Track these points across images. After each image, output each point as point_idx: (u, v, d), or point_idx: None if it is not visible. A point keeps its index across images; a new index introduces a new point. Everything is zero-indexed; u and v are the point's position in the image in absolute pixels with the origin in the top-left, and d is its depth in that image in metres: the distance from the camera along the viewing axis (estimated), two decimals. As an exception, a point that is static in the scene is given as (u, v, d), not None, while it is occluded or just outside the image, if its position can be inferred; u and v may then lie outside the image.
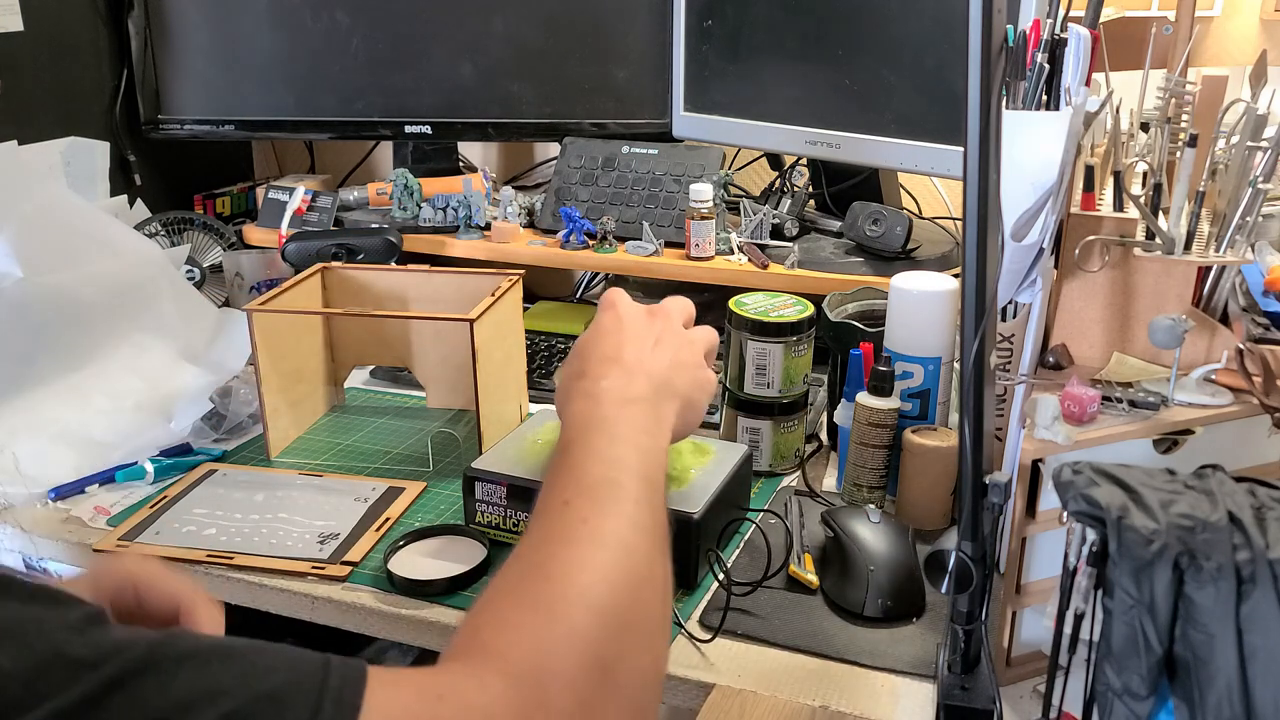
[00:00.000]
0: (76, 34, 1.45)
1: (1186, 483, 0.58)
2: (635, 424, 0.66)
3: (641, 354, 0.72)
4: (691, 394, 0.73)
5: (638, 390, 0.69)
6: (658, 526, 0.60)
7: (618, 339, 0.73)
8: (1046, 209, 0.75)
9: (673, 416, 0.70)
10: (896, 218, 1.25)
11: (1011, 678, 0.77)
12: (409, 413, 1.21)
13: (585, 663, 0.50)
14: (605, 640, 0.51)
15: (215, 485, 1.03)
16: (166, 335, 1.24)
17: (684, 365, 0.74)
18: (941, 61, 1.20)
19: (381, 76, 1.50)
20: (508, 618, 0.51)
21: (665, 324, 0.76)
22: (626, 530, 0.57)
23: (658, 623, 0.56)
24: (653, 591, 0.56)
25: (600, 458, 0.62)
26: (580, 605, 0.52)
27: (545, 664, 0.49)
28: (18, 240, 1.10)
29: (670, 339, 0.75)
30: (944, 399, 0.99)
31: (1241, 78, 0.92)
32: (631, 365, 0.70)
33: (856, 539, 0.85)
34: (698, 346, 0.77)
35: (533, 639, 0.50)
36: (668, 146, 1.42)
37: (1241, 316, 0.85)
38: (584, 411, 0.66)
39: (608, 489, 0.60)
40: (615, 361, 0.71)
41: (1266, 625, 0.52)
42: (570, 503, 0.58)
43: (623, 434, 0.64)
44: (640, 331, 0.74)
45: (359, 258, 1.32)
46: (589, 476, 0.61)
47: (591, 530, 0.56)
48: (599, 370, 0.70)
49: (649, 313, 0.77)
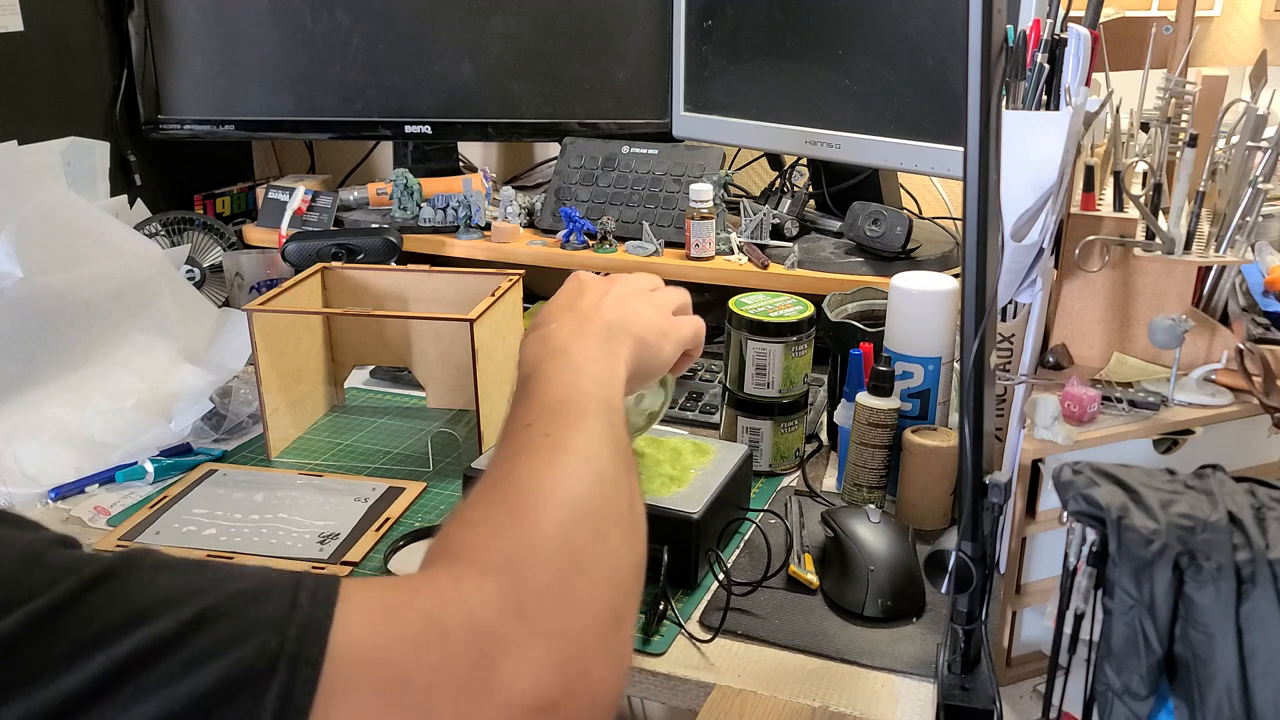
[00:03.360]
0: (76, 34, 1.45)
1: (1186, 483, 0.58)
2: (589, 354, 0.67)
3: (594, 302, 0.73)
4: (648, 336, 0.74)
5: (589, 328, 0.70)
6: (619, 442, 0.61)
7: (572, 294, 0.75)
8: (1046, 209, 0.75)
9: (627, 353, 0.70)
10: (896, 218, 1.25)
11: (1011, 678, 0.77)
12: (409, 413, 1.21)
13: (556, 551, 0.51)
14: (574, 531, 0.53)
15: (215, 485, 1.03)
16: (166, 335, 1.24)
17: (639, 312, 0.75)
18: (941, 61, 1.20)
19: (381, 76, 1.50)
20: (477, 520, 0.53)
21: (623, 282, 0.77)
22: (588, 439, 0.59)
23: (627, 520, 0.57)
24: (620, 494, 0.57)
25: (557, 383, 0.63)
26: (546, 501, 0.53)
27: (516, 554, 0.50)
28: (18, 240, 1.10)
29: (626, 293, 0.76)
30: (944, 399, 0.99)
31: (1241, 78, 0.92)
32: (583, 310, 0.72)
33: (856, 539, 0.85)
34: (661, 299, 0.78)
35: (501, 534, 0.51)
36: (668, 146, 1.42)
37: (1241, 316, 0.85)
38: (535, 351, 0.68)
39: (567, 408, 0.61)
40: (568, 309, 0.72)
41: (1266, 625, 0.52)
42: (532, 424, 0.60)
43: (577, 363, 0.66)
44: (596, 287, 0.75)
45: (359, 258, 1.32)
46: (547, 400, 0.62)
47: (555, 442, 0.58)
48: (552, 317, 0.72)
49: (609, 277, 0.79)
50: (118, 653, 0.40)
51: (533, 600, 0.48)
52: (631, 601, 0.55)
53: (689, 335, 0.79)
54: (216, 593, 0.43)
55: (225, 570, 0.45)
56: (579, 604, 0.50)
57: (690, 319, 0.80)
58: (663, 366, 0.76)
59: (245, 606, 0.43)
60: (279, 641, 0.42)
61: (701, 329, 0.81)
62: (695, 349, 0.80)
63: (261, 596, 0.43)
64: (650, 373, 0.75)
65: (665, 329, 0.76)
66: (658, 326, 0.75)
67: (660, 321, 0.76)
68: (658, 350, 0.75)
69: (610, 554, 0.54)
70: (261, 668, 0.41)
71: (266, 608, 0.43)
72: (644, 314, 0.75)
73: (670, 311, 0.78)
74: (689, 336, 0.79)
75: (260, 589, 0.44)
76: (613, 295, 0.75)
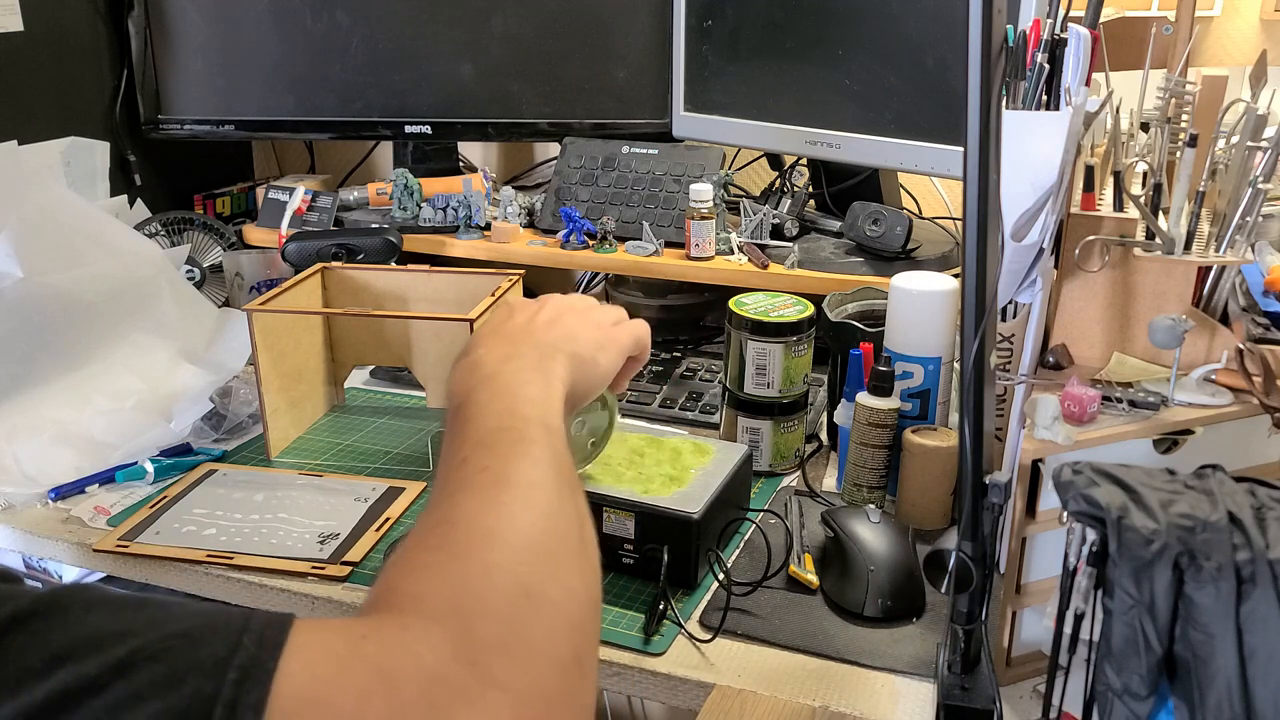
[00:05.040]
0: (76, 34, 1.45)
1: (1186, 483, 0.58)
2: (521, 377, 0.64)
3: (523, 324, 0.71)
4: (582, 351, 0.71)
5: (518, 350, 0.67)
6: (562, 464, 0.58)
7: (501, 319, 0.72)
8: (1046, 209, 0.75)
9: (562, 371, 0.67)
10: (896, 218, 1.25)
11: (1011, 678, 0.77)
12: (409, 413, 1.21)
13: (506, 590, 0.48)
14: (523, 567, 0.50)
15: (215, 485, 1.03)
16: (166, 335, 1.24)
17: (571, 328, 0.72)
18: (941, 61, 1.20)
19: (381, 76, 1.50)
20: (418, 564, 0.50)
21: (555, 302, 0.75)
22: (529, 468, 0.56)
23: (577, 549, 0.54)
24: (568, 521, 0.54)
25: (490, 411, 0.60)
26: (491, 540, 0.50)
27: (464, 600, 0.47)
28: (18, 240, 1.10)
29: (556, 312, 0.73)
30: (944, 399, 0.99)
31: (1241, 78, 0.92)
32: (512, 334, 0.70)
33: (856, 539, 0.85)
34: (595, 314, 0.75)
35: (447, 579, 0.48)
36: (668, 146, 1.42)
37: (1241, 316, 0.85)
38: (463, 380, 0.65)
39: (502, 436, 0.58)
40: (495, 333, 0.70)
41: (1266, 625, 0.52)
42: (468, 458, 0.56)
43: (510, 387, 0.63)
44: (525, 309, 0.73)
45: (359, 258, 1.32)
46: (482, 430, 0.59)
47: (494, 475, 0.55)
48: (480, 343, 0.69)
49: (540, 299, 0.76)
50: (32, 699, 0.38)
51: (486, 650, 0.45)
52: (591, 640, 0.51)
53: (629, 342, 0.76)
54: (151, 633, 0.40)
55: (167, 609, 0.42)
56: (536, 651, 0.47)
57: (630, 325, 0.77)
58: (603, 379, 0.74)
59: (181, 648, 0.40)
60: (215, 686, 0.39)
61: (645, 333, 0.78)
62: (640, 354, 0.78)
63: (201, 638, 0.41)
64: (590, 388, 0.72)
65: (601, 340, 0.73)
66: (593, 339, 0.73)
67: (595, 334, 0.73)
68: (594, 364, 0.72)
69: (566, 593, 0.50)
70: (196, 713, 0.39)
71: (204, 650, 0.40)
72: (577, 329, 0.72)
73: (607, 324, 0.75)
74: (629, 343, 0.76)
75: (202, 629, 0.41)
76: (543, 315, 0.72)
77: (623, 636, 0.80)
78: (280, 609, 0.88)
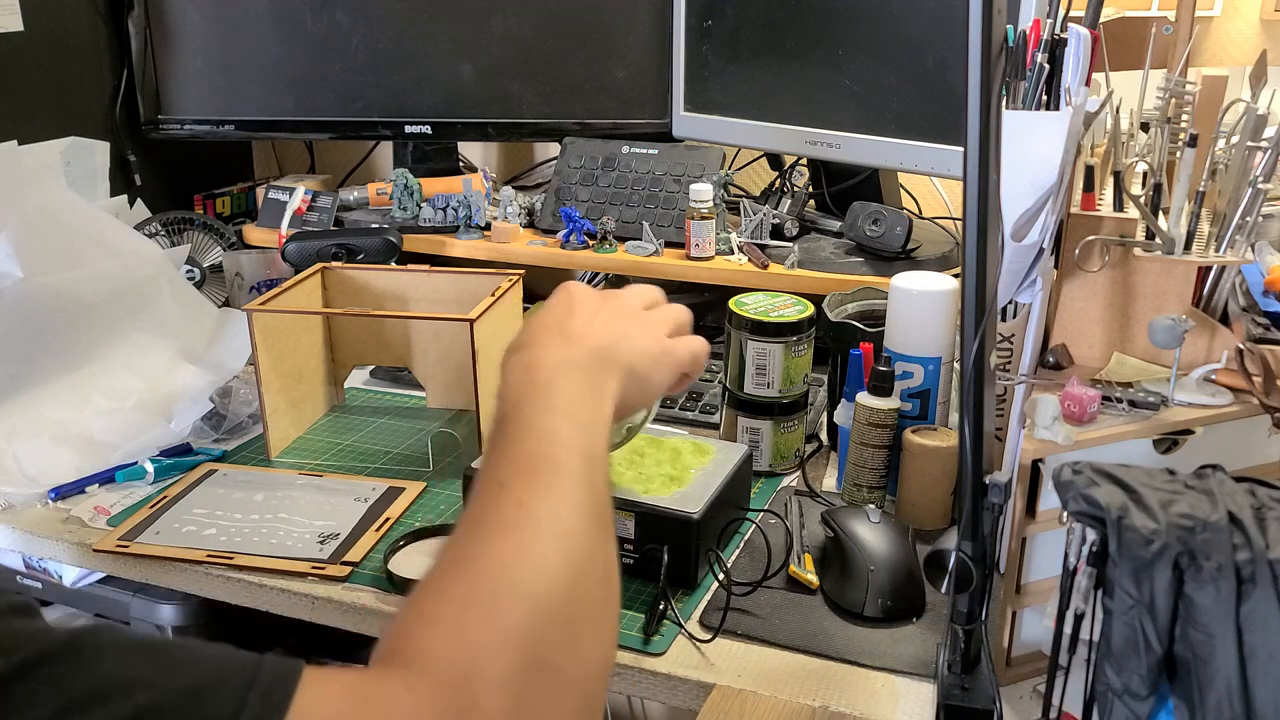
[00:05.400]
0: (76, 34, 1.45)
1: (1186, 483, 0.58)
2: (572, 394, 0.62)
3: (584, 325, 0.68)
4: (638, 366, 0.68)
5: (575, 357, 0.65)
6: (599, 506, 0.57)
7: (561, 313, 0.69)
8: (1046, 209, 0.75)
9: (615, 386, 0.66)
10: (896, 218, 1.25)
11: (1011, 678, 0.77)
12: (409, 413, 1.21)
13: (519, 661, 0.47)
14: (541, 636, 0.48)
15: (215, 485, 1.03)
16: (166, 335, 1.24)
17: (630, 337, 0.69)
18: (941, 61, 1.20)
19: (381, 76, 1.50)
20: (436, 615, 0.49)
21: (617, 301, 0.72)
22: (565, 511, 0.54)
23: (599, 613, 0.53)
24: (594, 580, 0.53)
25: (536, 432, 0.59)
26: (513, 599, 0.49)
27: (474, 665, 0.46)
28: (18, 240, 1.10)
29: (618, 313, 0.71)
30: (944, 399, 0.99)
31: (1241, 78, 0.92)
32: (571, 334, 0.67)
33: (856, 539, 0.85)
34: (656, 318, 0.73)
35: (460, 639, 0.47)
36: (668, 146, 1.42)
37: (1241, 316, 0.85)
38: (518, 382, 0.63)
39: (544, 466, 0.57)
40: (554, 330, 0.67)
41: (1266, 625, 0.52)
42: (506, 484, 0.55)
43: (559, 405, 0.61)
44: (586, 305, 0.70)
45: (359, 258, 1.32)
46: (524, 452, 0.58)
47: (528, 513, 0.53)
48: (536, 338, 0.67)
49: (601, 293, 0.73)
50: None
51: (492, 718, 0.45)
52: (598, 701, 0.51)
53: (685, 359, 0.73)
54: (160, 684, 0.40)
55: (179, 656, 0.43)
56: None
57: (688, 340, 0.74)
58: (653, 396, 0.72)
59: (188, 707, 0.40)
60: None
61: (703, 351, 0.75)
62: (694, 371, 0.75)
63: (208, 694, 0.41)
64: (639, 403, 0.71)
65: (658, 355, 0.71)
66: (650, 354, 0.70)
67: (653, 347, 0.71)
68: (648, 380, 0.70)
69: (579, 660, 0.49)
70: None
71: (211, 708, 0.41)
72: (636, 339, 0.70)
73: (666, 333, 0.73)
74: (685, 360, 0.73)
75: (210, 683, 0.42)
76: (604, 316, 0.69)
77: (623, 636, 0.80)
78: (280, 609, 0.88)
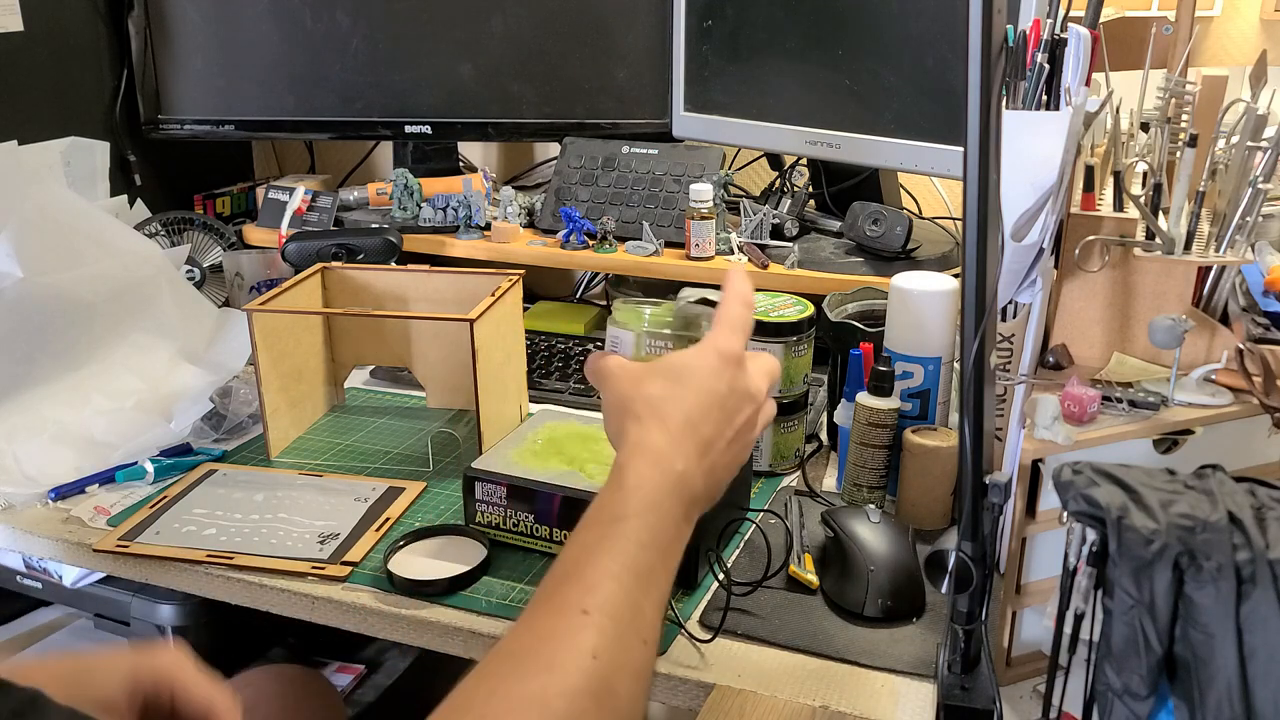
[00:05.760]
0: (76, 34, 1.45)
1: (1186, 483, 0.58)
2: (673, 532, 0.62)
3: (720, 444, 0.67)
4: (718, 494, 0.69)
5: (694, 488, 0.64)
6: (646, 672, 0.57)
7: (716, 406, 0.67)
8: (1046, 209, 0.75)
9: (692, 525, 0.66)
10: (896, 218, 1.25)
11: (1011, 678, 0.77)
12: (409, 413, 1.21)
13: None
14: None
15: (215, 485, 1.03)
16: (166, 335, 1.24)
17: (734, 465, 0.69)
18: (941, 61, 1.20)
19: (381, 76, 1.50)
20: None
21: (754, 411, 0.70)
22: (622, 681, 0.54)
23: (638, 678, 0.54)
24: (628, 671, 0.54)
25: (629, 557, 0.59)
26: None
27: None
28: (18, 240, 1.10)
29: (747, 434, 0.69)
30: (944, 399, 0.99)
31: (1241, 78, 0.92)
32: (706, 455, 0.65)
33: (856, 539, 0.85)
34: (757, 433, 0.72)
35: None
36: (668, 146, 1.42)
37: (1241, 316, 0.85)
38: (643, 474, 0.62)
39: (624, 605, 0.57)
40: (698, 441, 0.65)
41: (1266, 625, 0.52)
42: (588, 611, 0.55)
43: (662, 539, 0.61)
44: (735, 408, 0.68)
45: (359, 258, 1.32)
46: (614, 579, 0.57)
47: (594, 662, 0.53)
48: (680, 439, 0.65)
49: (750, 384, 0.69)
50: None
51: None
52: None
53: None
54: None
55: None
56: None
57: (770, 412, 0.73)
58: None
59: None
60: None
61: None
62: None
63: None
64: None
65: (731, 476, 0.70)
66: (728, 479, 0.69)
67: (734, 471, 0.70)
68: (711, 502, 0.69)
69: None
70: None
71: None
72: (735, 464, 0.69)
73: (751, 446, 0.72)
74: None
75: None
76: (738, 442, 0.68)
77: (623, 636, 0.80)
78: (280, 609, 0.88)
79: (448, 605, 0.84)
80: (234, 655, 1.18)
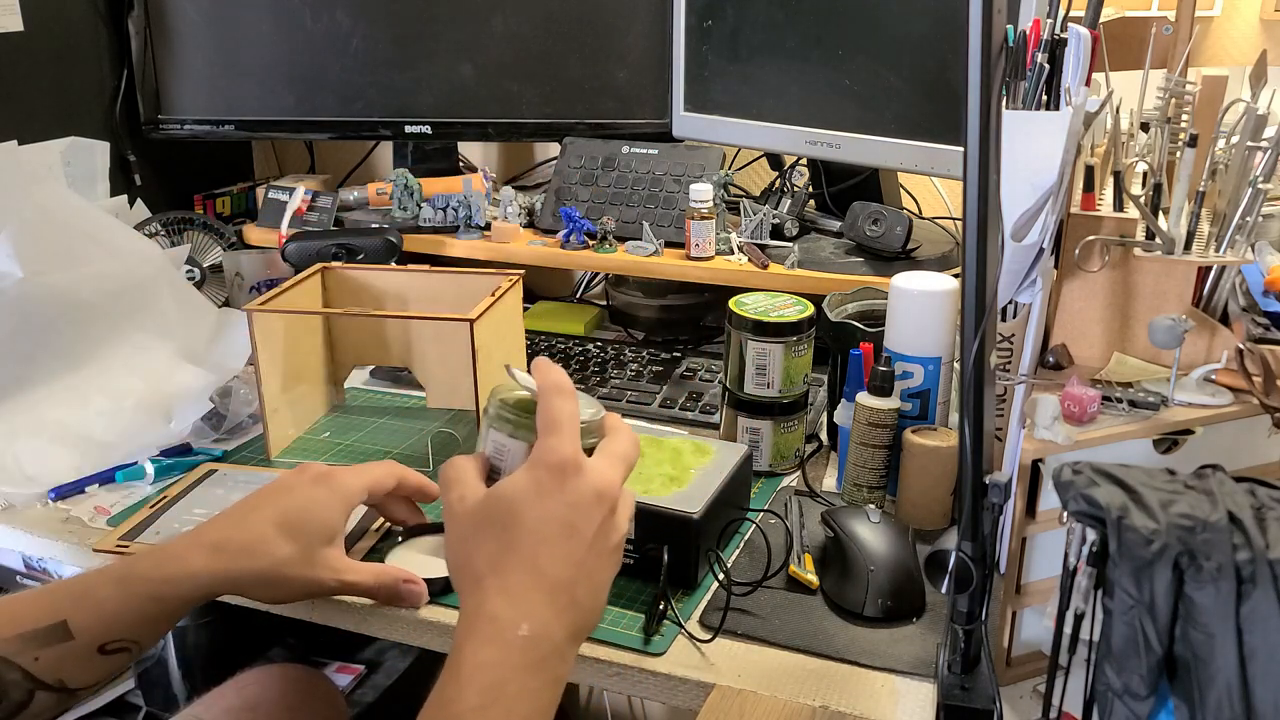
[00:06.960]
0: (76, 34, 1.45)
1: (1186, 483, 0.58)
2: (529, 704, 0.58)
3: (574, 573, 0.61)
4: (592, 626, 0.65)
5: (552, 642, 0.60)
6: None
7: (557, 535, 0.61)
8: (1046, 209, 0.75)
9: (568, 668, 0.62)
10: (896, 218, 1.25)
11: (1011, 678, 0.77)
12: (409, 413, 1.21)
13: None
14: None
15: (215, 485, 1.03)
16: (166, 335, 1.24)
17: (610, 570, 0.64)
18: (941, 61, 1.20)
19: (381, 76, 1.50)
20: None
21: (607, 513, 0.63)
22: None
23: None
24: None
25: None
26: None
27: None
28: (18, 240, 1.10)
29: (608, 538, 0.63)
30: (944, 399, 0.99)
31: (1241, 78, 0.92)
32: (560, 595, 0.60)
33: (856, 539, 0.85)
34: (622, 532, 0.65)
35: None
36: (668, 146, 1.42)
37: (1241, 316, 0.85)
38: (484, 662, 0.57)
39: None
40: (545, 588, 0.60)
41: (1266, 625, 0.52)
42: None
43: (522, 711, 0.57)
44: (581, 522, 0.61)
45: (359, 258, 1.32)
46: None
47: None
48: (523, 596, 0.60)
49: (594, 484, 0.63)
50: None
51: None
52: None
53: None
54: None
55: None
56: None
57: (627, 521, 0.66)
58: None
59: None
60: None
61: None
62: None
63: None
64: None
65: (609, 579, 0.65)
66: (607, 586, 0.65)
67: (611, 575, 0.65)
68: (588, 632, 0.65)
69: None
70: None
71: None
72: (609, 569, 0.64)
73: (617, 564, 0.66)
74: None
75: None
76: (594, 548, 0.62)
77: (623, 636, 0.80)
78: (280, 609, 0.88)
79: (447, 605, 0.84)
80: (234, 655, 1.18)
